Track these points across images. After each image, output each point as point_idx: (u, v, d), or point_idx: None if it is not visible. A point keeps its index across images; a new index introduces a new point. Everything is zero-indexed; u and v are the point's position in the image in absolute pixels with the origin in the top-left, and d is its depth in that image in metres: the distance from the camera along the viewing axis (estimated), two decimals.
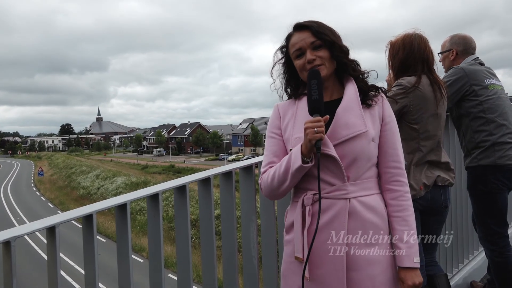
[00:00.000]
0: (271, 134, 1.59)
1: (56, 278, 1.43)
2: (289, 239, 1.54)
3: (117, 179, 43.13)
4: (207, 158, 75.11)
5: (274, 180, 1.47)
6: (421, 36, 2.19)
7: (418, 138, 2.13)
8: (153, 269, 1.75)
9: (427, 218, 2.21)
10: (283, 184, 1.45)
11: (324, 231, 1.43)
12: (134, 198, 1.68)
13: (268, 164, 1.54)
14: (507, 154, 2.49)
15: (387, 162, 1.51)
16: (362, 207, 1.44)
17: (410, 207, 1.50)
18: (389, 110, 1.54)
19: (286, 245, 1.56)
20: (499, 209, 2.59)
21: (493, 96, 2.55)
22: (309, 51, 1.48)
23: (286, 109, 1.59)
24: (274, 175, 1.47)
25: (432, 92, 2.13)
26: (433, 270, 2.27)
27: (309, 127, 1.35)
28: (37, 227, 1.42)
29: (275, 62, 1.61)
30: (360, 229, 1.43)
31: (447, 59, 2.77)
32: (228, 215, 1.98)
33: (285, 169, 1.43)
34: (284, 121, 1.57)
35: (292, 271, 1.51)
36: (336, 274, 1.42)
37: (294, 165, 1.39)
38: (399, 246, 1.46)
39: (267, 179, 1.50)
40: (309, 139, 1.34)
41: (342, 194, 1.43)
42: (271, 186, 1.49)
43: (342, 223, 1.42)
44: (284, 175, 1.44)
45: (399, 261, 1.47)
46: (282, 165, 1.45)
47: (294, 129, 1.51)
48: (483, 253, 3.16)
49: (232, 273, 1.98)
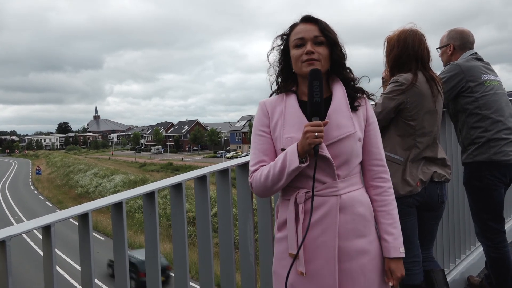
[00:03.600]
0: (259, 132, 1.57)
1: (52, 277, 1.43)
2: (281, 237, 1.55)
3: (115, 177, 43.11)
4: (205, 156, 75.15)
5: (268, 179, 1.48)
6: (416, 32, 2.18)
7: (414, 134, 2.13)
8: (150, 266, 1.75)
9: (424, 214, 2.21)
10: (277, 183, 1.47)
11: (316, 227, 1.47)
12: (130, 196, 1.68)
13: (258, 162, 1.54)
14: (502, 150, 2.50)
15: (371, 160, 1.58)
16: (351, 202, 1.50)
17: (393, 201, 1.59)
18: (371, 111, 1.62)
19: (278, 242, 1.57)
20: (495, 204, 2.60)
21: (489, 92, 2.55)
22: (310, 43, 1.50)
23: (273, 106, 1.58)
24: (268, 174, 1.48)
25: (429, 89, 2.13)
26: (430, 265, 2.28)
27: (309, 131, 1.37)
28: (33, 226, 1.41)
29: (273, 47, 1.60)
30: (351, 222, 1.49)
31: (445, 54, 2.76)
32: (224, 212, 1.98)
33: (281, 169, 1.44)
34: (272, 119, 1.56)
35: (284, 267, 1.52)
36: (328, 268, 1.46)
37: (291, 165, 1.41)
38: (386, 239, 1.54)
39: (259, 178, 1.50)
40: (308, 143, 1.37)
41: (333, 191, 1.48)
42: (265, 185, 1.50)
43: (334, 218, 1.47)
44: (279, 174, 1.45)
45: (387, 252, 1.54)
46: (277, 164, 1.46)
47: (284, 128, 1.51)
48: (480, 248, 3.18)
49: (229, 270, 1.98)
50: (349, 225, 1.48)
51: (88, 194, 39.30)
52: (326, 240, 1.46)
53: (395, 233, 1.54)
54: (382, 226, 1.55)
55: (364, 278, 1.49)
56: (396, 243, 1.53)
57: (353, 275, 1.48)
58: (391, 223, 1.54)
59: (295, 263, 1.47)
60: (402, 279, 1.55)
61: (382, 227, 1.55)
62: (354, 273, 1.48)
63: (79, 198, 37.53)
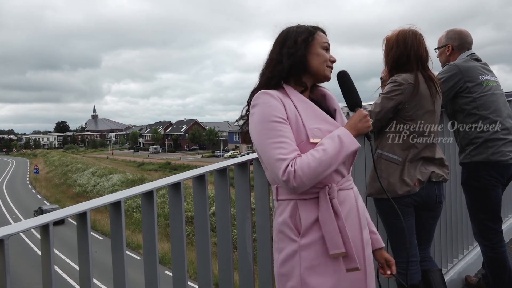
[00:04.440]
0: (279, 119, 1.42)
1: (50, 276, 1.43)
2: (311, 241, 1.43)
3: (113, 176, 43.06)
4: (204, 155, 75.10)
5: (322, 165, 1.36)
6: (415, 32, 2.19)
7: (412, 134, 2.13)
8: (148, 266, 1.75)
9: (422, 214, 2.22)
10: (329, 168, 1.38)
11: (347, 221, 1.46)
12: (129, 196, 1.68)
13: (293, 150, 1.39)
14: (500, 151, 2.50)
15: None
16: (357, 194, 1.58)
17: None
18: None
19: (305, 249, 1.43)
20: (492, 205, 2.61)
21: (487, 92, 2.55)
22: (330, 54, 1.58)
23: (282, 98, 1.48)
24: (320, 160, 1.36)
25: (427, 89, 2.14)
26: (428, 265, 2.29)
27: (368, 115, 1.49)
28: (31, 225, 1.41)
29: (303, 38, 1.52)
30: (362, 214, 1.55)
31: (443, 54, 2.76)
32: (223, 212, 1.98)
33: (336, 152, 1.38)
34: (287, 110, 1.46)
35: (318, 274, 1.43)
36: (359, 261, 1.47)
37: (350, 147, 1.42)
38: (373, 231, 1.66)
39: (308, 165, 1.35)
40: (367, 125, 1.48)
41: (349, 184, 1.54)
42: (316, 171, 1.36)
43: (356, 211, 1.52)
44: (333, 158, 1.38)
45: (378, 243, 1.66)
46: (329, 149, 1.38)
47: (305, 120, 1.45)
48: (478, 248, 3.19)
49: (227, 270, 1.98)
50: (361, 216, 1.53)
51: (86, 193, 39.24)
52: (354, 234, 1.47)
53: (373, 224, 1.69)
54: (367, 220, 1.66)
55: (370, 268, 1.53)
56: (378, 235, 1.68)
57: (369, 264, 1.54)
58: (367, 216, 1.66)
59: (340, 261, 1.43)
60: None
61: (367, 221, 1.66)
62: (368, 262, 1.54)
63: (77, 197, 37.48)
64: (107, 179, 42.44)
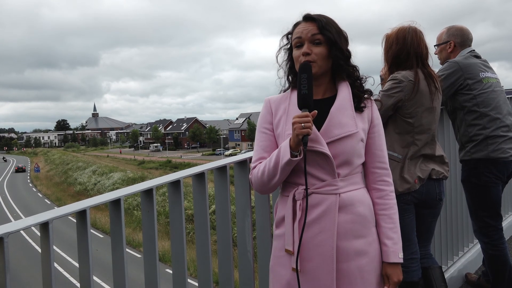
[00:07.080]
0: (262, 129, 1.58)
1: (50, 274, 1.43)
2: (279, 233, 1.55)
3: (114, 174, 43.05)
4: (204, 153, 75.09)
5: (264, 175, 1.48)
6: (415, 30, 2.18)
7: (413, 132, 2.13)
8: (148, 264, 1.75)
9: (422, 211, 2.22)
10: (273, 178, 1.47)
11: (314, 225, 1.46)
12: (128, 194, 1.68)
13: (258, 159, 1.55)
14: (500, 148, 2.50)
15: (374, 163, 1.56)
16: (351, 201, 1.48)
17: (395, 205, 1.57)
18: (377, 112, 1.59)
19: (276, 239, 1.57)
20: (492, 202, 2.61)
21: (487, 89, 2.54)
22: (307, 43, 1.49)
23: (278, 103, 1.58)
24: (264, 170, 1.49)
25: (427, 86, 2.13)
26: (428, 262, 2.29)
27: (296, 122, 1.36)
28: (31, 223, 1.41)
29: (280, 47, 1.61)
30: (350, 222, 1.47)
31: (444, 51, 2.74)
32: (223, 209, 1.98)
33: (275, 163, 1.45)
34: (276, 117, 1.56)
35: (281, 265, 1.52)
36: (326, 267, 1.44)
37: (283, 159, 1.41)
38: (385, 243, 1.52)
39: (257, 174, 1.52)
40: (296, 134, 1.36)
41: (332, 190, 1.46)
42: (262, 180, 1.50)
43: (332, 217, 1.45)
44: (274, 169, 1.45)
45: (386, 257, 1.52)
46: (272, 159, 1.46)
47: (286, 125, 1.51)
48: (478, 245, 3.19)
49: (227, 267, 1.98)
50: (348, 225, 1.46)
51: (87, 191, 39.22)
52: (324, 239, 1.45)
53: (395, 238, 1.53)
54: (383, 230, 1.53)
55: (361, 280, 1.47)
56: (396, 248, 1.51)
57: (351, 276, 1.46)
58: (391, 228, 1.53)
59: (290, 259, 1.47)
60: (398, 284, 1.53)
61: (382, 231, 1.53)
62: (351, 274, 1.46)
63: (78, 196, 37.44)
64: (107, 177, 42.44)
